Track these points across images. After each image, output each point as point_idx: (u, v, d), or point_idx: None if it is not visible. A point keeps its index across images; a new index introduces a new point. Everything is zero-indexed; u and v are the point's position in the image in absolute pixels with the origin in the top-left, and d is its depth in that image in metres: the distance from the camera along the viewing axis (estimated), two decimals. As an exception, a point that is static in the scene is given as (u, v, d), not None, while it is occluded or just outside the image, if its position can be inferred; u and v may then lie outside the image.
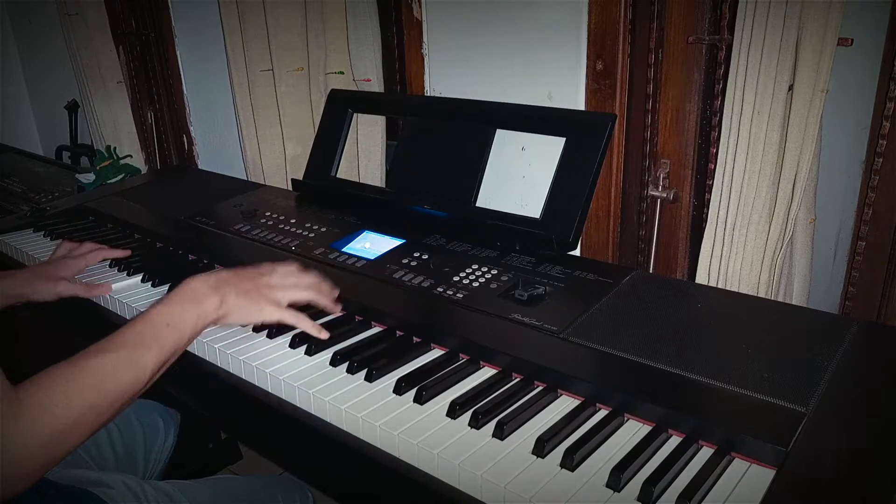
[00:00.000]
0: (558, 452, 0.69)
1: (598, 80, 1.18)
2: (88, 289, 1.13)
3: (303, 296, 0.95)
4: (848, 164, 1.10)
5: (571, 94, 1.22)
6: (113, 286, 1.13)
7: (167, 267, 1.21)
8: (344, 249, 1.18)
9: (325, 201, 1.40)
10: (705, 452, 0.70)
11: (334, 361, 0.88)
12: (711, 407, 0.74)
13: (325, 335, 0.92)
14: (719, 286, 1.10)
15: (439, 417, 0.77)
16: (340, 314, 0.99)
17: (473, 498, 0.68)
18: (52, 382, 0.69)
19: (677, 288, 1.00)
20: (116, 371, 0.74)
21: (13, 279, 1.11)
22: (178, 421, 1.25)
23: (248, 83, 1.67)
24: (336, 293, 1.00)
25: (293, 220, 1.32)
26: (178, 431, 1.23)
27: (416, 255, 1.12)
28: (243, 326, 0.96)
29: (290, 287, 0.95)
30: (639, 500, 0.63)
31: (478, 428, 0.74)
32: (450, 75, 1.40)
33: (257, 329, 0.96)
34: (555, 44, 1.22)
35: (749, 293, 1.06)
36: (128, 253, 1.24)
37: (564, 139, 1.13)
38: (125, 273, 1.19)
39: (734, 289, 1.08)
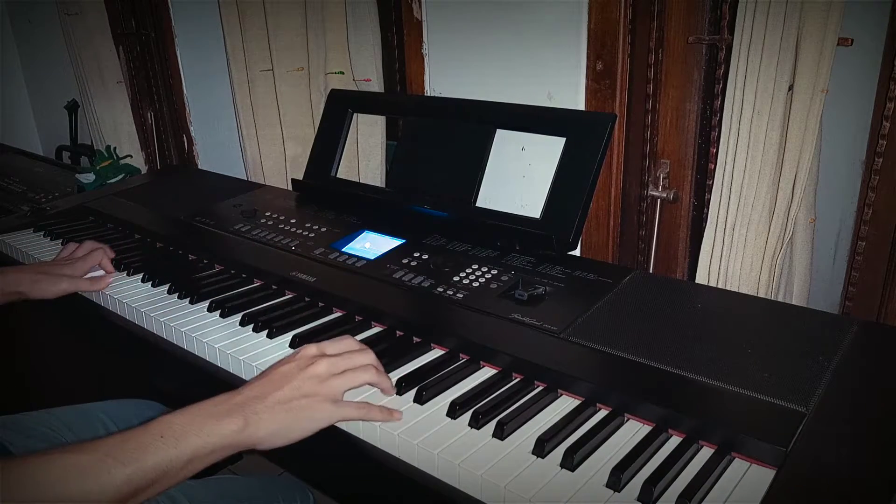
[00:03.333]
0: (558, 452, 0.69)
1: (598, 80, 1.18)
2: (91, 283, 1.14)
3: (363, 379, 0.77)
4: (848, 164, 1.10)
5: (571, 94, 1.22)
6: (113, 286, 1.14)
7: (167, 267, 1.22)
8: (344, 249, 1.18)
9: (325, 201, 1.40)
10: (705, 452, 0.70)
11: (334, 361, 0.87)
12: (711, 407, 0.74)
13: (399, 417, 0.76)
14: (719, 286, 1.10)
15: (439, 417, 0.77)
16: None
17: (473, 498, 0.68)
18: (20, 470, 0.60)
19: (677, 288, 1.00)
20: (75, 476, 0.61)
21: (16, 274, 1.11)
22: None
23: (248, 83, 1.67)
24: (390, 383, 0.82)
25: (293, 220, 1.32)
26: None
27: (416, 255, 1.12)
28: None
29: (346, 372, 0.75)
30: (639, 500, 0.63)
31: (478, 428, 0.74)
32: (450, 75, 1.40)
33: (257, 329, 0.97)
34: (555, 44, 1.22)
35: (749, 293, 1.06)
36: (110, 270, 1.20)
37: (564, 139, 1.13)
38: (125, 273, 1.19)
39: (734, 289, 1.08)
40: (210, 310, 1.03)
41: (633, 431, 0.74)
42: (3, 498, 0.58)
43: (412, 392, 0.80)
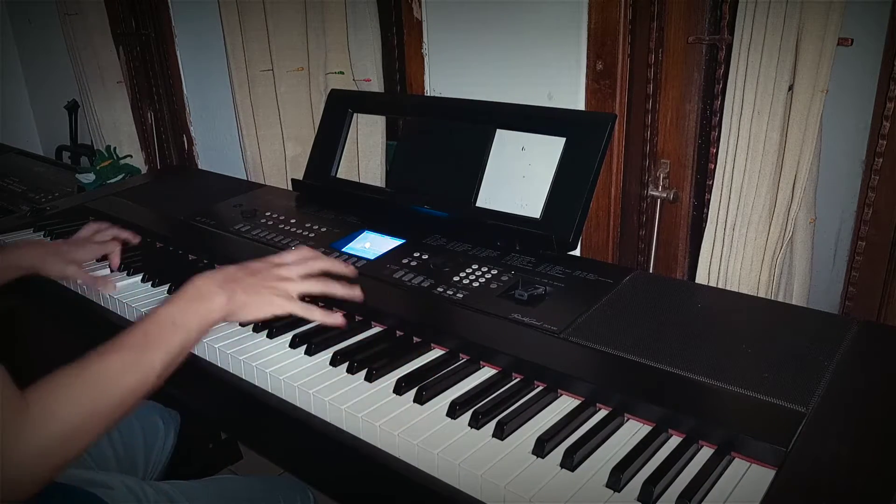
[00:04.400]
0: (558, 452, 0.69)
1: (598, 80, 1.18)
2: (94, 280, 1.15)
3: (314, 287, 0.94)
4: (848, 164, 1.10)
5: (571, 94, 1.22)
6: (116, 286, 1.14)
7: (167, 267, 1.22)
8: (344, 249, 1.18)
9: (325, 201, 1.40)
10: (705, 452, 0.70)
11: (334, 361, 0.88)
12: (711, 407, 0.74)
13: (339, 320, 0.91)
14: (719, 286, 1.10)
15: (439, 417, 0.77)
16: (360, 297, 0.98)
17: (473, 498, 0.68)
18: (59, 386, 0.69)
19: (677, 288, 1.00)
20: (123, 373, 0.73)
21: (31, 249, 1.15)
22: (178, 421, 1.24)
23: (248, 83, 1.67)
24: (352, 272, 1.00)
25: (293, 220, 1.32)
26: (179, 432, 1.23)
27: (416, 255, 1.12)
28: (251, 323, 0.96)
29: (300, 278, 0.93)
30: (639, 500, 0.63)
31: (478, 428, 0.74)
32: (450, 75, 1.40)
33: (257, 329, 0.97)
34: (555, 44, 1.22)
35: (749, 293, 1.06)
36: (137, 240, 1.28)
37: (564, 139, 1.13)
38: (125, 273, 1.19)
39: (734, 289, 1.08)
40: (210, 310, 1.03)
41: (633, 431, 0.74)
42: (80, 399, 0.69)
43: (412, 392, 0.80)
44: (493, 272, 1.05)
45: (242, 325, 0.97)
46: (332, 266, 0.98)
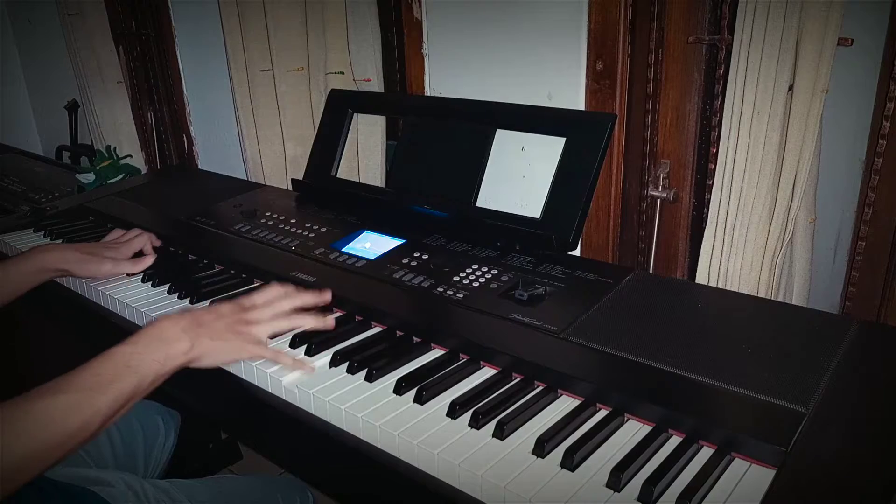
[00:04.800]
0: (558, 452, 0.69)
1: (598, 80, 1.18)
2: (134, 264, 1.17)
3: (285, 326, 0.91)
4: (848, 164, 1.10)
5: (571, 94, 1.22)
6: (113, 286, 1.14)
7: (167, 267, 1.21)
8: (344, 249, 1.18)
9: (325, 201, 1.40)
10: (705, 452, 0.70)
11: (334, 361, 0.88)
12: (712, 407, 0.74)
13: (310, 368, 0.87)
14: (719, 286, 1.10)
15: (439, 417, 0.77)
16: (341, 312, 0.97)
17: (473, 498, 0.68)
18: (13, 420, 0.66)
19: (677, 288, 1.00)
20: (65, 415, 0.69)
21: (62, 252, 1.14)
22: (178, 421, 1.25)
23: (248, 83, 1.67)
24: (324, 299, 0.97)
25: (293, 220, 1.32)
26: (179, 432, 1.23)
27: (416, 255, 1.12)
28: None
29: (269, 320, 0.89)
30: (639, 500, 0.63)
31: (478, 428, 0.74)
32: (450, 75, 1.40)
33: (257, 329, 0.96)
34: (555, 44, 1.22)
35: (749, 293, 1.06)
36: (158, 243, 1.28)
37: (564, 139, 1.13)
38: (125, 274, 1.19)
39: (734, 289, 1.08)
40: (210, 310, 1.03)
41: (633, 431, 0.74)
42: (7, 442, 0.64)
43: (412, 392, 0.80)
44: (493, 272, 1.05)
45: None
46: (302, 301, 0.94)
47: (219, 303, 0.91)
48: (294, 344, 0.93)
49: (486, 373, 0.86)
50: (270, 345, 0.90)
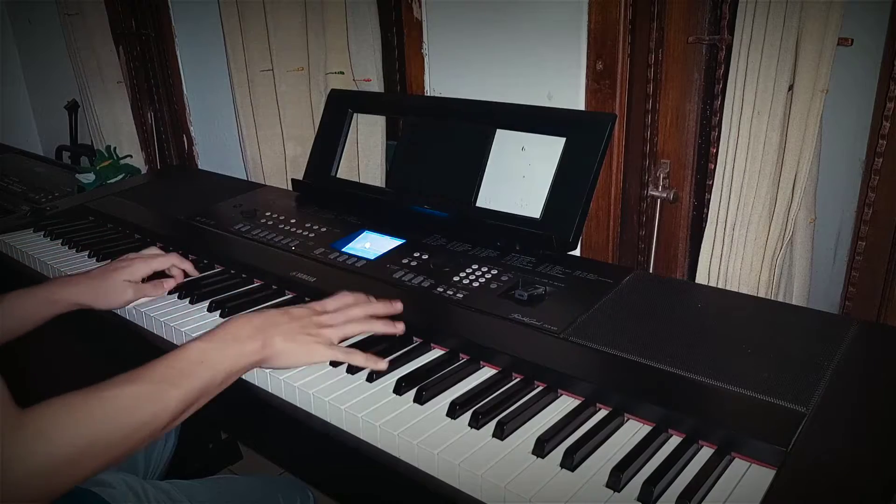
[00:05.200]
0: (558, 452, 0.69)
1: (598, 80, 1.18)
2: (155, 287, 1.08)
3: (356, 330, 0.91)
4: (848, 164, 1.10)
5: (571, 94, 1.22)
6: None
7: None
8: (344, 249, 1.18)
9: (325, 201, 1.40)
10: (705, 452, 0.70)
11: (334, 362, 0.88)
12: (711, 407, 0.74)
13: (382, 365, 0.85)
14: (719, 286, 1.10)
15: (439, 417, 0.77)
16: (401, 332, 0.93)
17: (473, 498, 0.68)
18: (60, 410, 0.66)
19: (677, 288, 1.00)
20: (134, 406, 0.70)
21: (77, 287, 1.04)
22: (178, 421, 1.24)
23: (248, 83, 1.67)
24: (395, 309, 0.96)
25: (293, 220, 1.32)
26: (179, 432, 1.23)
27: (416, 255, 1.12)
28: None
29: (341, 324, 0.90)
30: (639, 500, 0.63)
31: (478, 428, 0.74)
32: (450, 75, 1.40)
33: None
34: (555, 44, 1.22)
35: (749, 293, 1.06)
36: (195, 273, 1.16)
37: (564, 139, 1.13)
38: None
39: (734, 289, 1.08)
40: (210, 310, 1.03)
41: (633, 431, 0.74)
42: (85, 431, 0.66)
43: (412, 392, 0.80)
44: (493, 272, 1.05)
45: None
46: (374, 310, 0.94)
47: (291, 305, 0.91)
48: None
49: (486, 373, 0.86)
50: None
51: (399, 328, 0.93)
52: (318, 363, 0.87)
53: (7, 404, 0.63)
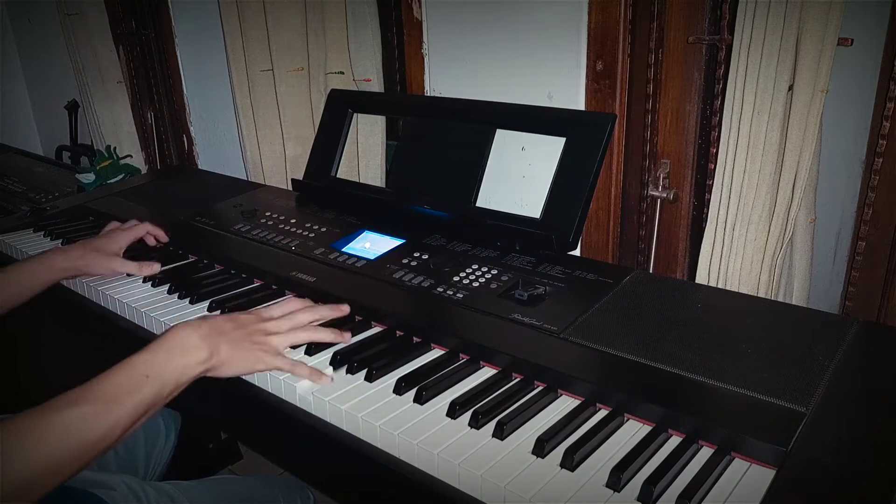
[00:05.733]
0: (558, 452, 0.69)
1: (598, 80, 1.18)
2: (140, 267, 1.16)
3: (302, 338, 0.90)
4: (848, 164, 1.10)
5: (571, 94, 1.22)
6: (113, 286, 1.14)
7: (167, 267, 1.21)
8: (344, 249, 1.18)
9: (325, 201, 1.40)
10: (705, 452, 0.70)
11: (334, 362, 0.88)
12: (711, 407, 0.74)
13: (325, 380, 0.84)
14: (719, 286, 1.10)
15: (439, 417, 0.77)
16: (350, 341, 0.94)
17: (473, 498, 0.68)
18: (8, 436, 0.65)
19: (677, 288, 1.00)
20: (82, 427, 0.68)
21: (67, 253, 1.14)
22: (178, 422, 1.25)
23: (248, 83, 1.67)
24: (341, 312, 0.97)
25: (293, 220, 1.32)
26: (179, 432, 1.23)
27: (416, 255, 1.12)
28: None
29: (287, 331, 0.89)
30: (639, 500, 0.63)
31: (478, 428, 0.74)
32: (450, 75, 1.40)
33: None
34: (555, 44, 1.22)
35: (749, 293, 1.06)
36: (165, 239, 1.29)
37: (564, 139, 1.13)
38: (125, 274, 1.19)
39: (734, 289, 1.08)
40: (210, 310, 1.03)
41: (633, 431, 0.74)
42: (21, 454, 0.64)
43: (412, 392, 0.80)
44: (493, 272, 1.05)
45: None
46: (320, 315, 0.94)
47: (237, 312, 0.90)
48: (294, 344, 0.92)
49: (486, 373, 0.86)
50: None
51: (345, 337, 0.92)
52: (263, 370, 0.86)
53: None
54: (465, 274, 1.05)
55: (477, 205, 1.21)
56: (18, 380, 1.64)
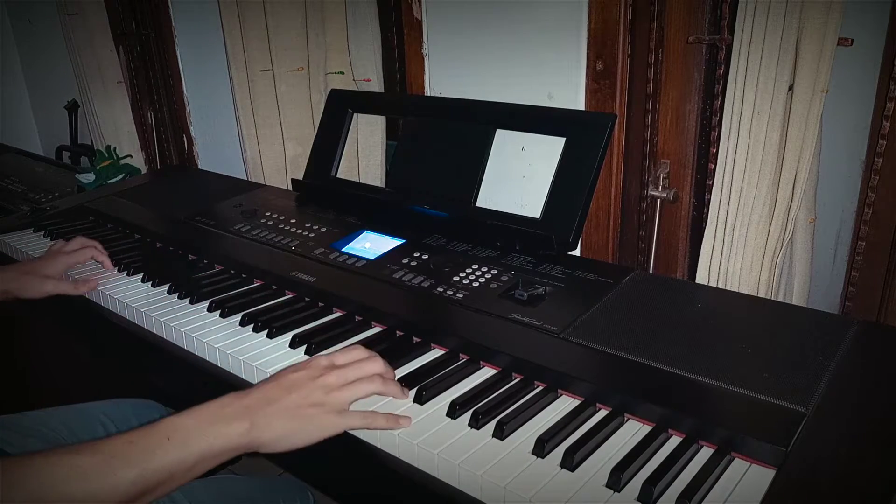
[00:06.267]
0: (558, 452, 0.69)
1: (598, 80, 1.18)
2: (76, 286, 1.15)
3: (368, 390, 0.77)
4: (848, 164, 1.10)
5: (571, 94, 1.22)
6: (113, 286, 1.14)
7: (167, 267, 1.21)
8: (344, 249, 1.18)
9: (325, 201, 1.40)
10: (705, 452, 0.70)
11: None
12: (711, 407, 0.74)
13: (405, 420, 0.75)
14: (719, 286, 1.10)
15: (439, 417, 0.77)
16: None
17: (473, 498, 0.68)
18: (13, 477, 0.59)
19: (677, 288, 1.00)
20: (74, 478, 0.60)
21: (4, 276, 1.12)
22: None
23: (248, 83, 1.67)
24: (392, 373, 0.83)
25: (293, 220, 1.32)
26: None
27: (416, 255, 1.12)
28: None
29: (353, 382, 0.76)
30: (639, 500, 0.63)
31: (478, 428, 0.74)
32: (450, 75, 1.40)
33: (257, 329, 0.97)
34: (555, 44, 1.22)
35: (749, 293, 1.06)
36: (109, 266, 1.22)
37: (564, 139, 1.13)
38: (125, 273, 1.19)
39: (734, 289, 1.08)
40: (210, 310, 1.03)
41: (633, 431, 0.73)
42: (4, 498, 0.57)
43: (412, 392, 0.80)
44: (493, 272, 1.05)
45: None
46: (384, 369, 0.80)
47: (292, 367, 0.77)
48: (294, 344, 0.92)
49: (486, 373, 0.86)
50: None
51: (406, 394, 0.80)
52: (331, 435, 0.73)
53: None
54: (465, 274, 1.05)
55: (477, 205, 1.21)
56: (17, 380, 1.64)
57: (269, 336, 0.95)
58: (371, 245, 1.18)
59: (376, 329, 0.98)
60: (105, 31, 2.15)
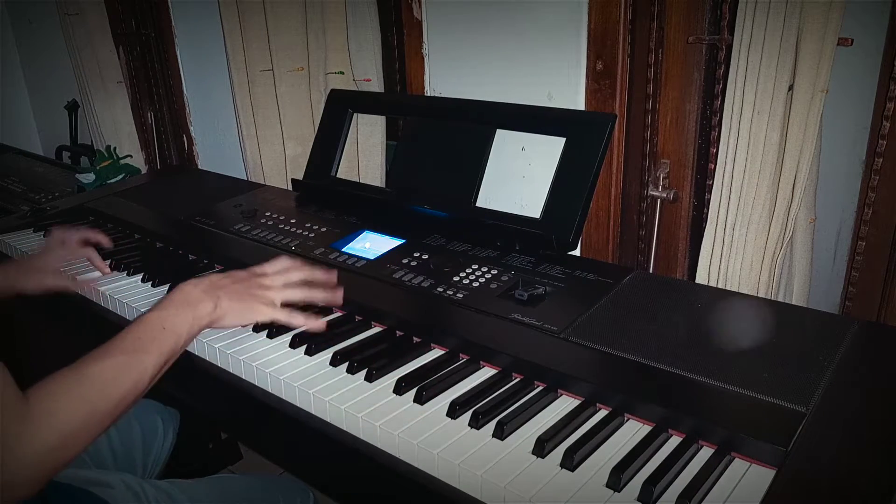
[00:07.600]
0: (558, 452, 0.69)
1: (598, 80, 1.18)
2: (77, 282, 1.16)
3: (295, 295, 0.96)
4: (848, 164, 1.10)
5: (571, 94, 1.22)
6: (111, 285, 1.14)
7: (167, 267, 1.21)
8: (344, 249, 1.18)
9: (325, 201, 1.40)
10: (705, 452, 0.70)
11: (334, 361, 0.88)
12: (711, 407, 0.74)
13: (320, 324, 0.93)
14: (719, 286, 1.10)
15: (439, 417, 0.77)
16: (341, 312, 0.98)
17: (473, 498, 0.68)
18: (59, 388, 0.71)
19: (677, 288, 1.00)
20: (118, 376, 0.76)
21: (7, 273, 1.13)
22: (177, 420, 1.24)
23: (248, 83, 1.67)
24: (332, 280, 1.01)
25: (293, 220, 1.32)
26: (178, 431, 1.23)
27: (416, 255, 1.12)
28: (243, 327, 0.96)
29: (281, 287, 0.96)
30: (639, 500, 0.63)
31: (478, 428, 0.74)
32: (450, 75, 1.40)
33: (257, 329, 0.97)
34: (555, 44, 1.22)
35: (749, 293, 1.06)
36: (107, 272, 1.21)
37: (564, 139, 1.13)
38: (125, 273, 1.19)
39: (734, 289, 1.08)
40: (210, 310, 1.03)
41: (633, 431, 0.74)
42: (52, 414, 0.68)
43: (412, 392, 0.80)
44: (493, 272, 1.05)
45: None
46: (311, 275, 1.00)
47: (232, 270, 0.96)
48: (294, 344, 0.93)
49: (486, 373, 0.86)
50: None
51: (337, 298, 0.99)
52: (261, 320, 0.93)
53: (11, 387, 0.66)
54: (465, 274, 1.05)
55: (477, 205, 1.21)
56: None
57: (269, 336, 0.95)
58: (371, 245, 1.18)
59: (376, 329, 0.98)
60: (105, 31, 2.15)
